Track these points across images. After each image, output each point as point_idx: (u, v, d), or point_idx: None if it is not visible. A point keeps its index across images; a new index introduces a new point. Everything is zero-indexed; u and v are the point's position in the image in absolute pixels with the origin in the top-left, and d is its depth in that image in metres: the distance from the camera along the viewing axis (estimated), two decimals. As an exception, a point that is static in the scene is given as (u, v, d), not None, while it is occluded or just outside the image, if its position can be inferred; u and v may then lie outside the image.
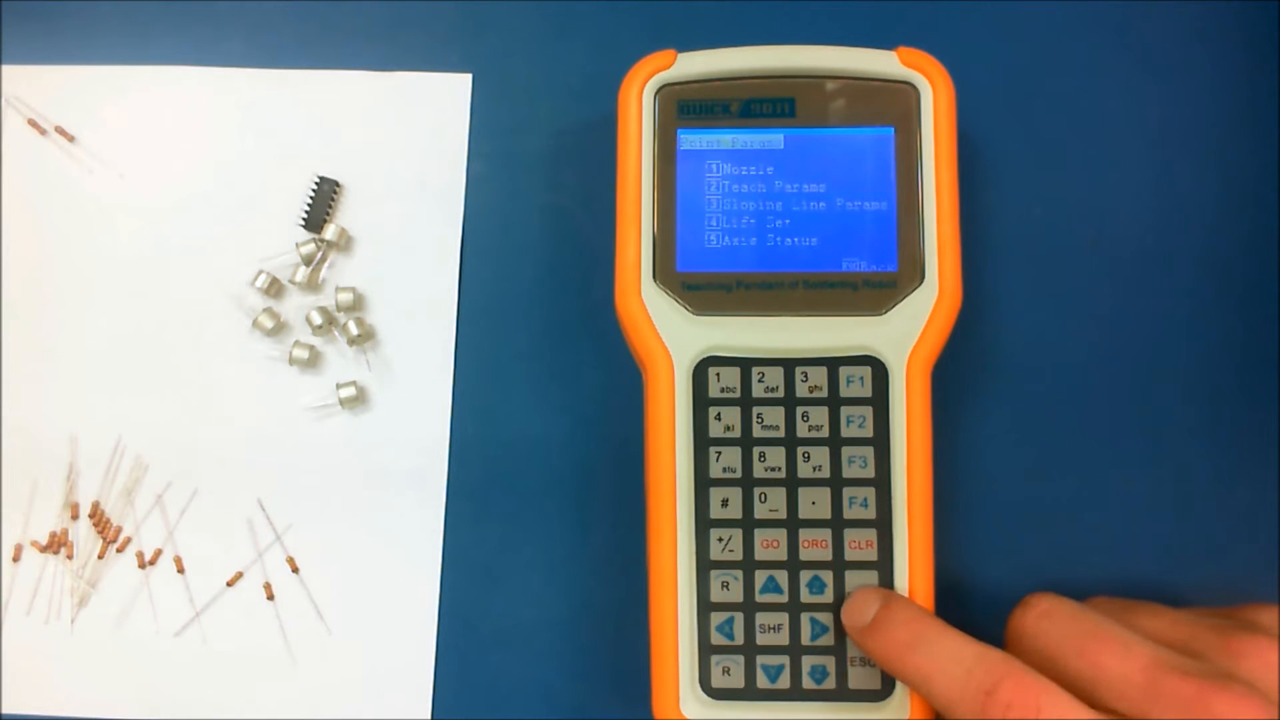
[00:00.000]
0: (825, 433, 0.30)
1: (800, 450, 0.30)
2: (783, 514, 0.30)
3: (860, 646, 0.28)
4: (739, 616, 0.29)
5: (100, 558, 0.34)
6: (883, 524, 0.29)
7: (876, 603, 0.28)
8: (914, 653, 0.26)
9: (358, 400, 0.35)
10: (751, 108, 0.31)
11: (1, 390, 0.35)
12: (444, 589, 0.34)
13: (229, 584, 0.34)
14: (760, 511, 0.30)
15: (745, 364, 0.30)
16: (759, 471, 0.30)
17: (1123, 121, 0.36)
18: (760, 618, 0.29)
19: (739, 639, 0.29)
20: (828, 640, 0.29)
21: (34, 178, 0.37)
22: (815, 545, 0.30)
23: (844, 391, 0.30)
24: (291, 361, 0.35)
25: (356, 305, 0.35)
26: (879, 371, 0.30)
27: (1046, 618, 0.27)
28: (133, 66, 0.37)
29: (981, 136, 0.36)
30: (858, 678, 0.29)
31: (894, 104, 0.31)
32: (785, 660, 0.29)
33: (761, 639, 0.29)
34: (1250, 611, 0.27)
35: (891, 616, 0.27)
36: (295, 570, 0.34)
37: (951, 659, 0.26)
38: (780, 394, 0.30)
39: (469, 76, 0.37)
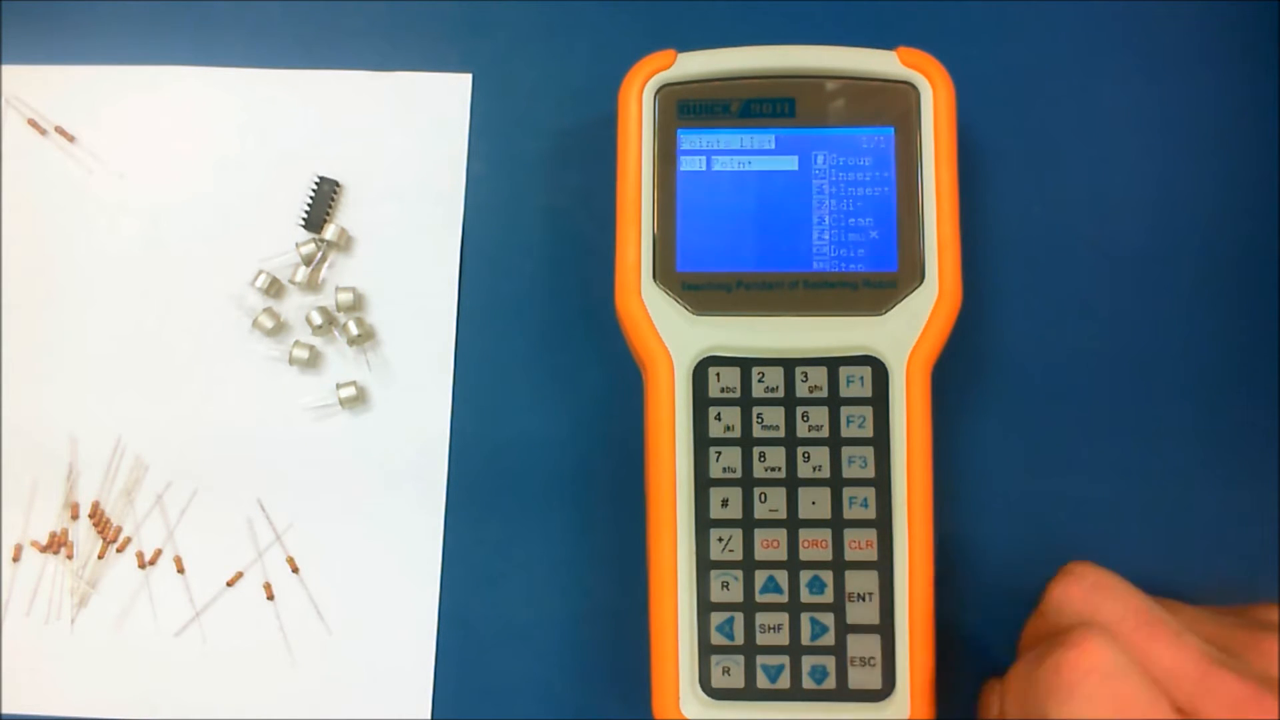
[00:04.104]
0: (825, 433, 0.30)
1: (800, 450, 0.30)
2: (783, 514, 0.30)
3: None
4: (739, 616, 0.29)
5: (100, 558, 0.34)
6: (883, 524, 0.29)
7: None
8: None
9: (358, 400, 0.35)
10: (751, 108, 0.31)
11: (1, 390, 0.35)
12: (444, 589, 0.34)
13: (229, 584, 0.34)
14: (760, 511, 0.30)
15: (745, 364, 0.30)
16: (759, 471, 0.30)
17: (1123, 121, 0.36)
18: (760, 618, 0.29)
19: (739, 639, 0.29)
20: (828, 640, 0.29)
21: (34, 178, 0.37)
22: (815, 545, 0.30)
23: (844, 391, 0.30)
24: (291, 361, 0.35)
25: (356, 305, 0.35)
26: (879, 371, 0.30)
27: (1098, 591, 0.26)
28: (133, 66, 0.37)
29: (981, 136, 0.36)
30: (858, 678, 0.29)
31: (894, 104, 0.31)
32: (785, 660, 0.29)
33: (761, 639, 0.29)
34: (1263, 611, 0.27)
35: None
36: (295, 570, 0.34)
37: None
38: (780, 394, 0.30)
39: (469, 76, 0.37)
